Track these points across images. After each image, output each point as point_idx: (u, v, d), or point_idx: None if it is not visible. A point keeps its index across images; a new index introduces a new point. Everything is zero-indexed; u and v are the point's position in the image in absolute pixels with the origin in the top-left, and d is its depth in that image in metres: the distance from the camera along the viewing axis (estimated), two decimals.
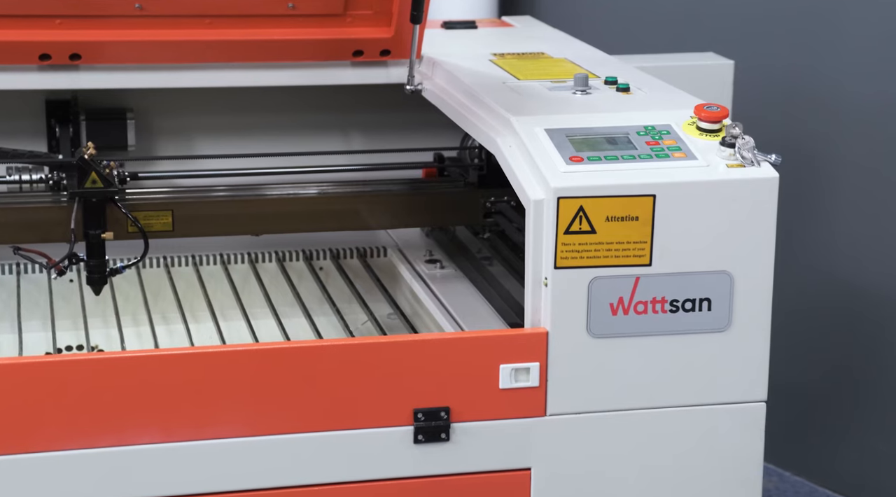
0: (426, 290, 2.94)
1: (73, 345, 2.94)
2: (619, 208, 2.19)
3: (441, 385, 2.21)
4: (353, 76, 2.97)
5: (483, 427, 2.24)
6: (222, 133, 3.18)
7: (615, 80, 2.64)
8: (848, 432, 3.93)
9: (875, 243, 3.81)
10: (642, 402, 2.27)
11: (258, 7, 2.83)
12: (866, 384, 3.87)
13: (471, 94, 2.63)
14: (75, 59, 2.77)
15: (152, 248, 2.78)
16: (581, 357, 2.24)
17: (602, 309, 2.22)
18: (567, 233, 2.19)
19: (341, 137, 3.24)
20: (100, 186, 2.67)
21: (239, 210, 2.84)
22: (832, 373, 3.94)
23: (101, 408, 2.14)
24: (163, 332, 2.77)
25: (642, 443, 2.29)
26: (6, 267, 3.02)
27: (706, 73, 3.37)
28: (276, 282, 3.08)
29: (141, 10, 2.76)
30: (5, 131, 3.04)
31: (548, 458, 2.27)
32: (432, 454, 2.23)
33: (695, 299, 2.24)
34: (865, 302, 3.84)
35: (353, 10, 2.87)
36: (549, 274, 2.21)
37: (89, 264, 2.71)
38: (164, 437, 2.17)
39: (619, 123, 2.35)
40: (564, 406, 2.25)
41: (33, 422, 2.12)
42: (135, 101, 3.07)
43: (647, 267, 2.21)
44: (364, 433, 2.21)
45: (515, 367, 2.22)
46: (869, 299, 3.83)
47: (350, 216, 2.88)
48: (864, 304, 3.84)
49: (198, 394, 2.16)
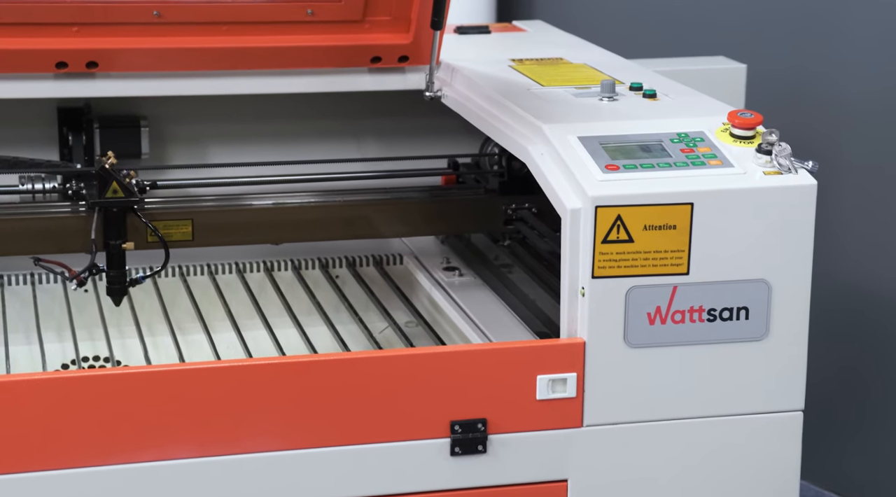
0: (446, 297, 2.92)
1: (88, 356, 2.91)
2: (656, 217, 2.17)
3: (478, 396, 2.19)
4: (371, 83, 2.94)
5: (520, 438, 2.22)
6: (235, 140, 3.15)
7: (640, 86, 2.62)
8: (854, 435, 3.93)
9: (881, 245, 3.81)
10: (679, 413, 2.26)
11: (276, 14, 2.80)
12: (872, 387, 3.87)
13: (495, 101, 2.61)
14: (92, 66, 2.74)
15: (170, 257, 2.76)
16: (618, 367, 2.22)
17: (639, 318, 2.20)
18: (605, 242, 2.17)
19: (355, 144, 3.21)
20: (121, 196, 2.64)
21: (259, 219, 2.80)
22: (838, 375, 3.94)
23: (135, 422, 2.11)
24: (185, 343, 2.74)
25: (679, 453, 2.28)
26: (21, 277, 2.98)
27: (718, 77, 3.36)
28: (293, 290, 3.05)
29: (159, 17, 2.73)
30: (17, 139, 3.00)
31: (584, 470, 2.26)
32: (469, 466, 2.21)
33: (732, 308, 2.22)
34: (872, 304, 3.84)
35: (371, 16, 2.85)
36: (587, 283, 2.19)
37: (109, 275, 2.68)
38: (198, 452, 2.14)
39: (652, 130, 2.34)
40: (601, 417, 2.24)
41: (65, 437, 2.09)
42: (147, 109, 3.04)
43: (684, 276, 2.20)
44: (401, 446, 2.19)
45: (552, 377, 2.20)
46: (876, 302, 3.83)
47: (372, 224, 2.85)
48: (871, 306, 3.85)
49: (233, 407, 2.13)
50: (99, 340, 2.89)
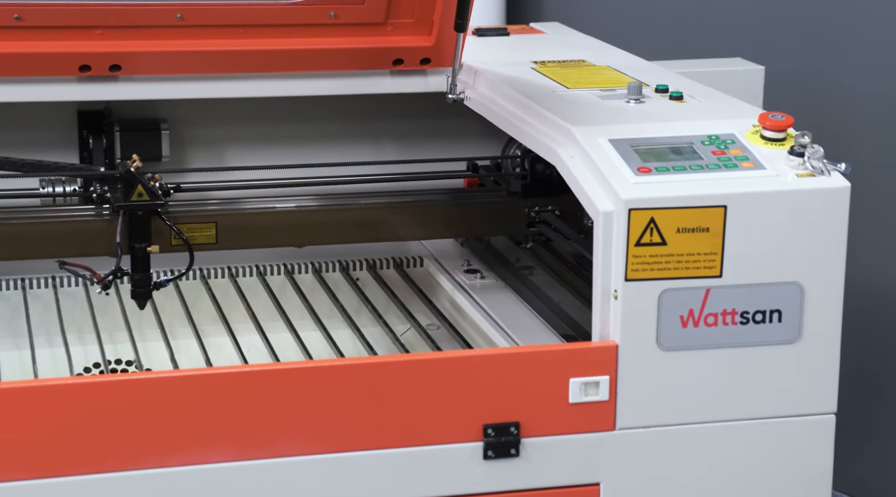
0: (469, 300, 2.91)
1: (111, 359, 2.90)
2: (690, 220, 2.17)
3: (511, 400, 2.19)
4: (392, 85, 2.94)
5: (552, 442, 2.21)
6: (254, 143, 3.14)
7: (666, 88, 2.62)
8: (870, 437, 3.93)
9: (893, 246, 3.81)
10: (712, 416, 2.25)
11: (299, 16, 2.80)
12: (888, 389, 3.87)
13: (521, 104, 2.61)
14: (115, 69, 2.73)
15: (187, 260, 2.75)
16: (651, 370, 2.22)
17: (672, 321, 2.20)
18: (638, 245, 2.17)
19: (373, 147, 3.21)
20: (146, 199, 2.64)
21: (283, 222, 2.80)
22: (853, 377, 3.94)
23: (171, 426, 2.10)
24: (208, 346, 2.73)
25: (711, 456, 2.27)
26: (43, 280, 2.97)
27: (736, 79, 3.36)
28: (314, 292, 3.05)
29: (182, 20, 2.73)
30: (37, 142, 2.99)
31: (617, 473, 2.25)
32: (502, 470, 2.20)
33: (765, 311, 2.22)
34: (886, 305, 3.84)
35: (393, 18, 2.84)
36: (619, 286, 2.19)
37: (134, 278, 2.67)
38: (229, 456, 2.13)
39: (682, 133, 2.33)
40: (634, 420, 2.23)
41: (103, 441, 2.08)
42: (167, 112, 3.04)
43: (717, 278, 2.19)
44: (434, 450, 2.18)
45: (585, 380, 2.20)
46: (890, 302, 3.83)
47: (395, 227, 2.85)
48: (884, 307, 3.84)
49: (265, 411, 2.12)
50: (121, 343, 2.88)
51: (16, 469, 2.06)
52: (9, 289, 2.95)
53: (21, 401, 2.07)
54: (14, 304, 2.92)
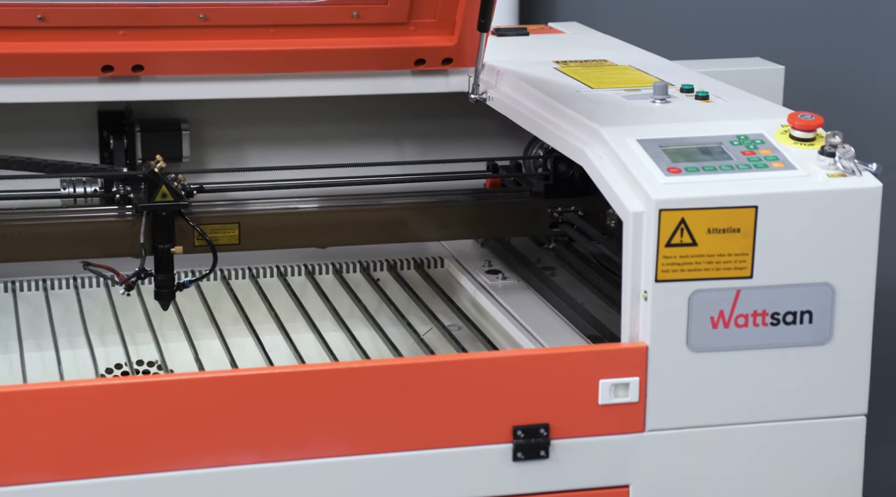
0: (492, 301, 2.90)
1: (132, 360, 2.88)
2: (720, 220, 2.16)
3: (540, 401, 2.18)
4: (414, 85, 2.93)
5: (582, 444, 2.20)
6: (274, 143, 3.13)
7: (692, 88, 2.61)
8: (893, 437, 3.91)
9: None
10: (742, 417, 2.24)
11: (322, 16, 2.79)
12: None
13: (546, 104, 2.60)
14: (137, 70, 2.72)
15: (208, 261, 2.74)
16: (681, 371, 2.21)
17: (702, 322, 2.18)
18: (668, 245, 2.16)
19: (394, 146, 3.20)
20: (170, 200, 2.63)
21: (306, 223, 2.79)
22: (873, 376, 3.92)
23: (200, 428, 2.09)
24: (233, 346, 2.72)
25: (742, 458, 2.26)
26: (65, 281, 2.97)
27: (756, 78, 3.35)
28: (335, 293, 3.04)
29: (205, 20, 2.72)
30: (57, 143, 2.98)
31: (646, 475, 2.24)
32: (531, 472, 2.19)
33: (796, 312, 2.21)
34: None
35: (416, 18, 2.83)
36: (649, 287, 2.18)
37: (158, 279, 2.67)
38: (261, 458, 2.12)
39: (710, 133, 2.32)
40: (663, 421, 2.22)
41: (132, 443, 2.08)
42: (187, 112, 3.03)
43: (748, 279, 2.18)
44: (463, 451, 2.17)
45: (615, 382, 2.19)
46: None
47: (419, 228, 2.84)
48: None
49: (297, 413, 2.11)
50: (143, 344, 2.88)
51: (46, 471, 2.05)
52: (30, 290, 2.94)
53: (51, 402, 2.06)
54: (36, 305, 2.91)
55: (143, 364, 2.92)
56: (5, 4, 2.58)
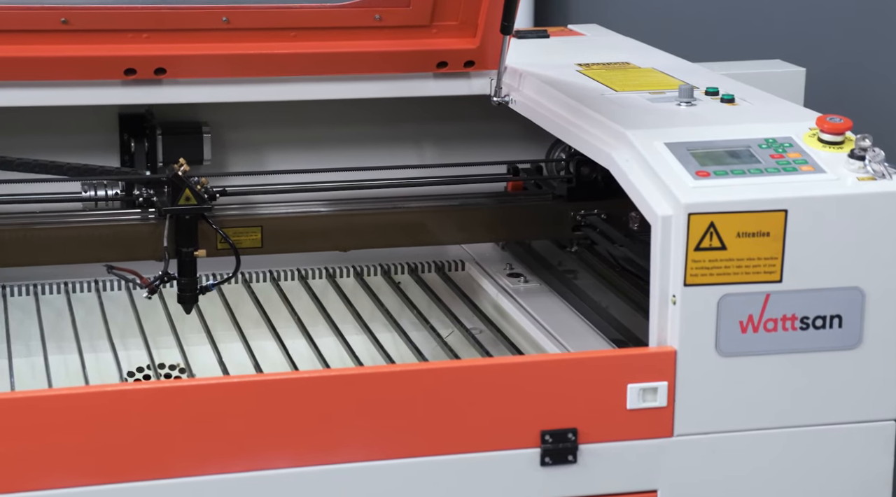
0: (514, 304, 2.89)
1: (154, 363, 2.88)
2: (750, 224, 2.15)
3: (568, 406, 2.17)
4: (436, 88, 2.92)
5: (610, 448, 2.20)
6: (294, 146, 3.13)
7: (717, 91, 2.60)
8: None
9: None
10: (771, 422, 2.23)
11: (345, 19, 2.78)
12: None
13: (571, 107, 2.59)
14: (160, 73, 2.72)
15: (229, 265, 2.73)
16: (709, 376, 2.20)
17: (731, 327, 2.17)
18: (697, 249, 2.14)
19: (414, 149, 3.19)
20: (193, 203, 2.62)
21: (329, 226, 2.78)
22: None
23: (227, 433, 2.09)
24: (255, 349, 2.71)
25: (771, 463, 2.25)
26: (86, 284, 2.96)
27: (777, 80, 3.34)
28: (356, 296, 3.04)
29: (228, 23, 2.71)
30: (78, 146, 2.98)
31: (675, 480, 2.23)
32: (559, 476, 2.18)
33: (825, 316, 2.20)
34: None
35: (438, 20, 2.83)
36: (678, 291, 2.16)
37: (181, 282, 2.66)
38: (289, 463, 2.11)
39: (738, 136, 2.32)
40: (692, 426, 2.21)
41: (161, 447, 2.07)
42: (208, 115, 3.02)
43: (777, 283, 2.17)
44: (490, 456, 2.17)
45: (643, 386, 2.18)
46: None
47: (443, 231, 2.83)
48: None
49: (325, 417, 2.11)
50: (165, 348, 2.87)
51: (74, 475, 2.05)
52: (52, 293, 2.94)
53: (79, 407, 2.05)
54: (58, 308, 2.91)
55: (165, 367, 2.91)
56: (29, 8, 2.58)
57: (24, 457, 2.04)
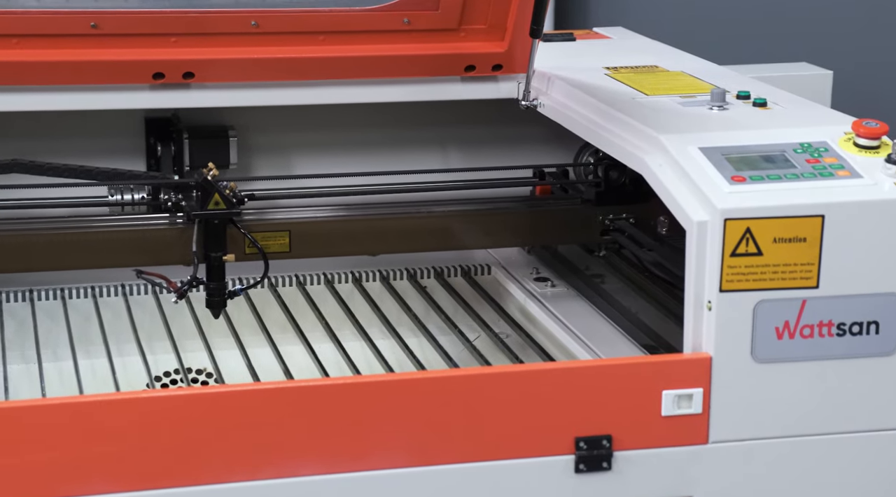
0: (542, 309, 2.88)
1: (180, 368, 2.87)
2: (786, 229, 2.13)
3: (603, 412, 2.15)
4: (463, 91, 2.91)
5: (645, 455, 2.18)
6: (320, 149, 3.12)
7: (748, 95, 2.59)
8: None
9: None
10: (807, 429, 2.22)
11: (373, 22, 2.78)
12: None
13: (601, 111, 2.58)
14: (188, 77, 2.71)
15: (255, 269, 2.72)
16: (745, 382, 2.18)
17: (767, 333, 2.16)
18: (733, 255, 2.13)
19: (439, 153, 3.18)
20: (222, 208, 2.61)
21: (356, 230, 2.77)
22: None
23: (263, 439, 2.08)
24: (285, 354, 2.70)
25: (807, 470, 2.24)
26: (113, 288, 2.96)
27: (804, 83, 3.32)
28: (383, 300, 3.02)
29: (256, 27, 2.71)
30: (104, 150, 2.97)
31: (710, 487, 2.22)
32: (594, 484, 2.17)
33: (862, 322, 2.18)
34: None
35: (467, 24, 2.82)
36: (713, 297, 2.15)
37: (209, 287, 2.65)
38: (321, 469, 2.10)
39: (772, 141, 2.30)
40: (727, 433, 2.20)
41: (193, 454, 2.06)
42: (234, 119, 3.02)
43: (814, 289, 2.16)
44: (524, 463, 2.15)
45: (678, 393, 2.16)
46: None
47: (472, 235, 2.82)
48: None
49: (357, 424, 2.10)
50: (191, 352, 2.86)
51: (108, 482, 2.04)
52: (79, 297, 2.94)
53: (109, 413, 2.05)
54: (85, 312, 2.91)
55: (192, 372, 2.91)
56: (59, 12, 2.58)
57: (55, 464, 2.03)
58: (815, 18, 4.20)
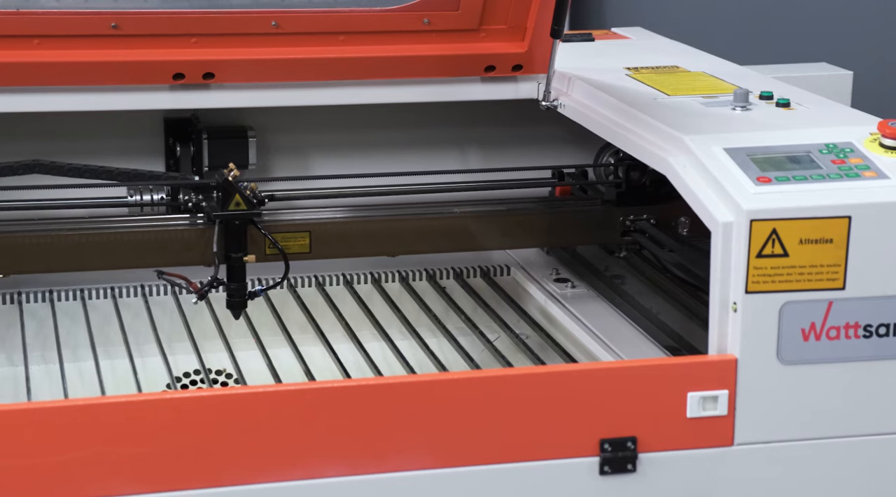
0: (563, 310, 2.87)
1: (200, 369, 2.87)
2: (813, 231, 2.12)
3: (628, 414, 2.14)
4: (483, 92, 2.91)
5: (670, 457, 2.17)
6: (339, 150, 3.11)
7: (771, 95, 2.57)
8: None
9: None
10: (833, 431, 2.20)
11: (393, 23, 2.77)
12: None
13: (623, 111, 2.57)
14: (208, 78, 2.71)
15: (274, 270, 2.72)
16: (771, 384, 2.17)
17: (793, 335, 2.15)
18: (759, 256, 2.12)
19: (458, 154, 3.17)
20: (243, 209, 2.61)
21: (377, 231, 2.76)
22: None
23: (286, 440, 2.07)
24: (304, 355, 2.69)
25: (832, 473, 2.22)
26: (132, 289, 2.95)
27: (824, 83, 3.31)
28: (402, 301, 3.02)
29: (277, 27, 2.70)
30: (123, 150, 2.97)
31: (735, 489, 2.20)
32: (618, 486, 2.16)
33: (889, 324, 2.16)
34: None
35: (487, 24, 2.81)
36: (739, 299, 2.14)
37: (230, 288, 2.65)
38: (344, 471, 2.09)
39: (797, 141, 2.28)
40: (753, 435, 2.18)
41: (221, 455, 2.05)
42: (253, 119, 3.01)
43: (840, 291, 2.14)
44: (548, 465, 2.14)
45: (703, 395, 2.15)
46: None
47: (494, 236, 2.81)
48: None
49: (381, 425, 2.09)
50: (211, 352, 2.85)
51: (131, 483, 2.03)
52: (99, 298, 2.93)
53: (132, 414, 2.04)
54: (105, 313, 2.90)
55: (212, 372, 2.90)
56: (79, 13, 2.58)
57: (78, 465, 2.02)
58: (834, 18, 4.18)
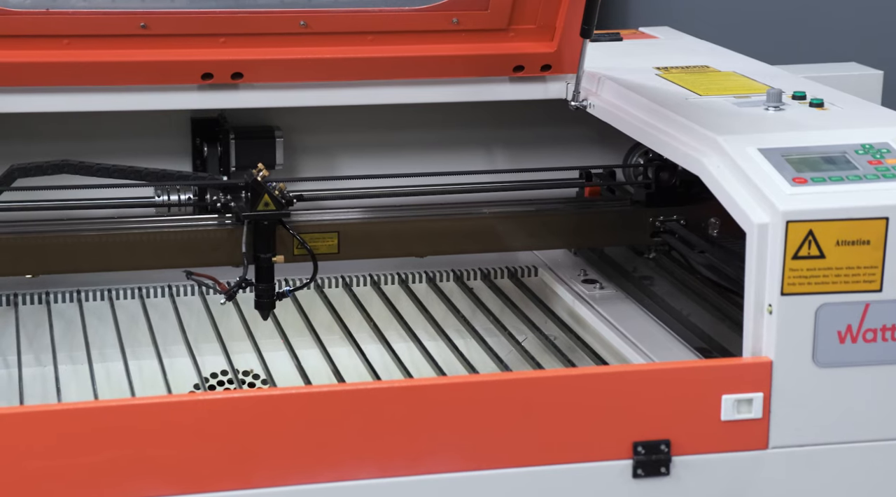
0: (591, 311, 2.85)
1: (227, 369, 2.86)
2: (849, 232, 2.10)
3: (662, 417, 2.12)
4: (512, 92, 2.89)
5: (704, 460, 2.15)
6: (366, 150, 3.10)
7: (804, 95, 2.55)
8: None
9: None
10: (870, 434, 2.18)
11: (422, 22, 2.76)
12: None
13: (654, 112, 2.55)
14: (237, 78, 2.70)
15: (301, 270, 2.71)
16: (806, 387, 2.15)
17: (829, 337, 2.13)
18: (795, 258, 2.10)
19: (485, 154, 3.16)
20: (272, 209, 2.60)
21: (405, 231, 2.75)
22: None
23: (317, 442, 2.06)
24: (335, 355, 2.68)
25: (868, 476, 2.20)
26: (160, 289, 2.95)
27: (855, 83, 3.28)
28: (429, 301, 3.00)
29: (305, 27, 2.69)
30: (150, 150, 2.96)
31: (770, 493, 2.18)
32: (652, 489, 2.14)
33: None
34: None
35: (516, 24, 2.80)
36: (774, 301, 2.12)
37: (258, 288, 2.64)
38: (379, 473, 2.08)
39: (832, 141, 2.26)
40: (788, 438, 2.16)
41: (251, 456, 2.05)
42: (280, 119, 3.00)
43: (877, 293, 2.12)
44: (581, 467, 2.13)
45: (738, 397, 2.13)
46: None
47: (522, 237, 2.80)
48: None
49: (413, 428, 2.08)
50: (239, 353, 2.84)
51: (162, 484, 2.03)
52: (126, 298, 2.93)
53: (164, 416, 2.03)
54: (132, 313, 2.90)
55: (240, 373, 2.90)
56: (108, 13, 2.57)
57: (108, 465, 2.02)
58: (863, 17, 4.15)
